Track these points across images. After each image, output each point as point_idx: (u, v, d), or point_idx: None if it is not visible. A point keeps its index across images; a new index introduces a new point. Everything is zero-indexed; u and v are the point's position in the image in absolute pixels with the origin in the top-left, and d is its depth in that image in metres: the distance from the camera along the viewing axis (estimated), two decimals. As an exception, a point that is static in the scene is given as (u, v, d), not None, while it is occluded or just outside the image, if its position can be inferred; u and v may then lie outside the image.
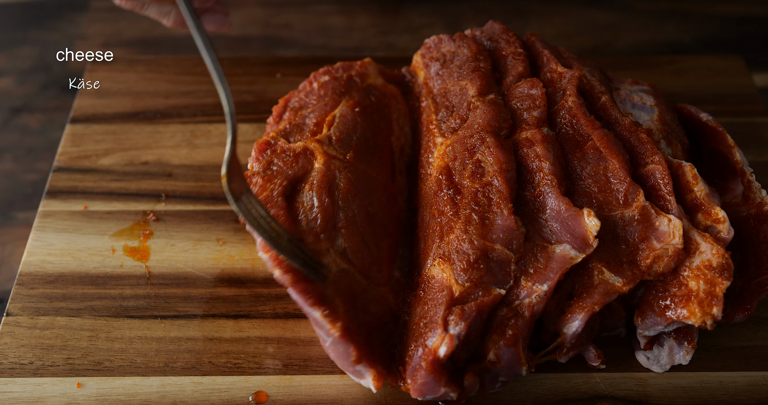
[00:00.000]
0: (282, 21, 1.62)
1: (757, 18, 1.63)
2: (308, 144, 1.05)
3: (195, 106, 1.31)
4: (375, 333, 0.92)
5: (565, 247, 0.94)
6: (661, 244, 0.93)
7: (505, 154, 1.01)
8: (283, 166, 1.03)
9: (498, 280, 0.92)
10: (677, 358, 0.96)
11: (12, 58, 1.55)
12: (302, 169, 1.03)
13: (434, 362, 0.87)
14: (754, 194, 1.03)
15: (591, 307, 0.91)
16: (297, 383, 0.96)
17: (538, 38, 1.19)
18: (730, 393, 0.96)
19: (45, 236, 1.11)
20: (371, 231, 1.01)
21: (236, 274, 1.08)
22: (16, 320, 1.02)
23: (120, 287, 1.06)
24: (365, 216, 1.01)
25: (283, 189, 1.00)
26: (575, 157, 1.02)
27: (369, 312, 0.93)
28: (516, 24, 1.62)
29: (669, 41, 1.57)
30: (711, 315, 0.89)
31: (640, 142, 1.02)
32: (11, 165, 1.36)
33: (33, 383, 0.96)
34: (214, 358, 0.99)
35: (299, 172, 1.02)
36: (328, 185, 1.01)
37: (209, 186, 1.19)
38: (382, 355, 0.91)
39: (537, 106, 1.06)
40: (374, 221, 1.02)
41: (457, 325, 0.88)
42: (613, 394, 0.96)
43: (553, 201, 0.97)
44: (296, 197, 1.00)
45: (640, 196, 0.96)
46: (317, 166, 1.03)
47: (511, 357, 0.89)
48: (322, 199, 0.99)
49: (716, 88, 1.35)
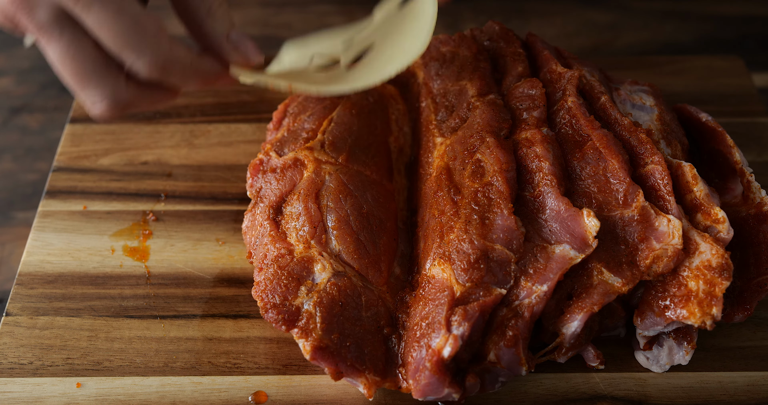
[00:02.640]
0: (281, 21, 1.62)
1: (756, 18, 1.63)
2: (299, 154, 1.07)
3: (194, 106, 1.31)
4: (367, 340, 0.92)
5: (565, 247, 0.94)
6: (660, 244, 0.93)
7: (505, 154, 1.01)
8: (272, 187, 1.05)
9: (498, 280, 0.92)
10: (677, 359, 0.96)
11: (11, 58, 1.55)
12: (291, 182, 1.05)
13: (439, 363, 0.87)
14: (754, 194, 1.03)
15: (590, 307, 0.91)
16: (296, 383, 0.96)
17: (538, 38, 1.19)
18: (729, 393, 0.96)
19: (44, 236, 1.11)
20: (367, 229, 1.01)
21: (236, 274, 1.08)
22: (15, 320, 1.02)
23: (119, 287, 1.06)
24: (359, 215, 1.02)
25: (268, 214, 1.03)
26: (575, 158, 1.02)
27: (360, 319, 0.93)
28: (516, 24, 1.61)
29: (669, 41, 1.57)
30: (710, 315, 0.89)
31: (640, 142, 1.02)
32: (11, 165, 1.36)
33: (32, 383, 0.96)
34: (214, 358, 0.99)
35: (288, 186, 1.05)
36: (315, 192, 1.02)
37: (209, 186, 1.19)
38: (376, 361, 0.91)
39: (537, 106, 1.06)
40: (370, 219, 1.02)
41: (461, 326, 0.88)
42: (612, 394, 0.96)
43: (553, 201, 0.97)
44: (284, 211, 1.02)
45: (639, 196, 0.96)
46: (306, 174, 1.04)
47: (511, 357, 0.89)
48: (308, 207, 1.01)
49: (716, 88, 1.35)
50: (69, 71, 0.82)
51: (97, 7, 0.79)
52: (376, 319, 0.94)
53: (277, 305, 0.92)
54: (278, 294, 0.93)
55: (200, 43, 0.93)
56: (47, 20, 0.80)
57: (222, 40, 0.92)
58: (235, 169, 1.21)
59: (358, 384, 0.91)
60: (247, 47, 0.94)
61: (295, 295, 0.93)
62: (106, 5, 0.79)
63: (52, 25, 0.80)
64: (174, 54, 0.85)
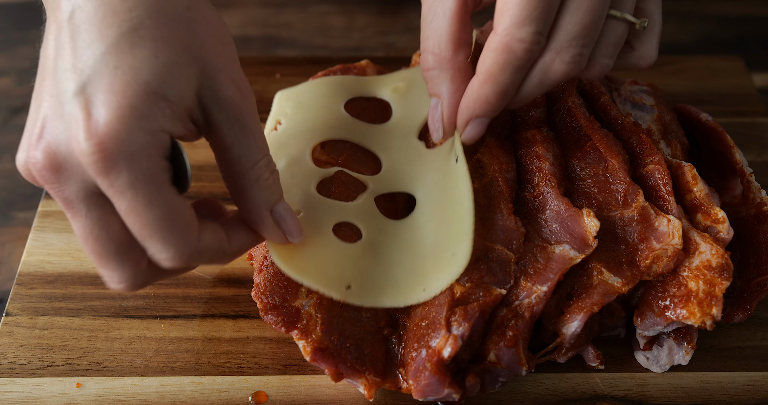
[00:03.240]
0: (281, 21, 1.62)
1: (756, 18, 1.63)
2: None
3: (194, 106, 1.31)
4: (367, 341, 0.92)
5: (565, 247, 0.94)
6: (660, 244, 0.93)
7: (505, 154, 1.01)
8: None
9: (498, 280, 0.92)
10: (677, 359, 0.96)
11: (11, 58, 1.55)
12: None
13: (439, 363, 0.87)
14: (754, 194, 1.03)
15: (590, 307, 0.91)
16: (296, 383, 0.96)
17: (538, 38, 1.19)
18: (729, 393, 0.96)
19: (44, 236, 1.11)
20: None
21: (236, 274, 1.08)
22: (15, 320, 1.02)
23: (119, 287, 1.06)
24: None
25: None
26: (575, 158, 1.02)
27: (360, 320, 0.93)
28: (515, 24, 1.61)
29: (669, 41, 1.57)
30: (710, 315, 0.89)
31: (640, 142, 1.02)
32: (11, 165, 1.36)
33: (32, 383, 0.96)
34: (214, 358, 0.99)
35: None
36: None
37: (209, 186, 1.19)
38: (376, 362, 0.91)
39: (536, 106, 1.06)
40: (370, 219, 1.02)
41: (461, 326, 0.88)
42: (612, 394, 0.96)
43: (553, 201, 0.97)
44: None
45: (639, 196, 0.96)
46: None
47: (511, 358, 0.89)
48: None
49: (716, 88, 1.35)
50: (90, 249, 0.78)
51: (130, 194, 0.73)
52: (375, 320, 0.94)
53: (276, 306, 0.92)
54: (278, 295, 0.93)
55: (238, 207, 0.85)
56: (76, 197, 0.75)
57: (264, 212, 0.84)
58: (235, 169, 1.21)
59: (358, 385, 0.91)
60: (290, 225, 0.86)
61: (295, 296, 0.93)
62: (139, 193, 0.73)
63: (80, 202, 0.75)
64: (202, 245, 0.79)
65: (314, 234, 0.94)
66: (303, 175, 1.01)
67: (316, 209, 0.97)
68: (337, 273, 0.92)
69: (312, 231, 0.94)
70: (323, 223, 0.96)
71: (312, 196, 0.98)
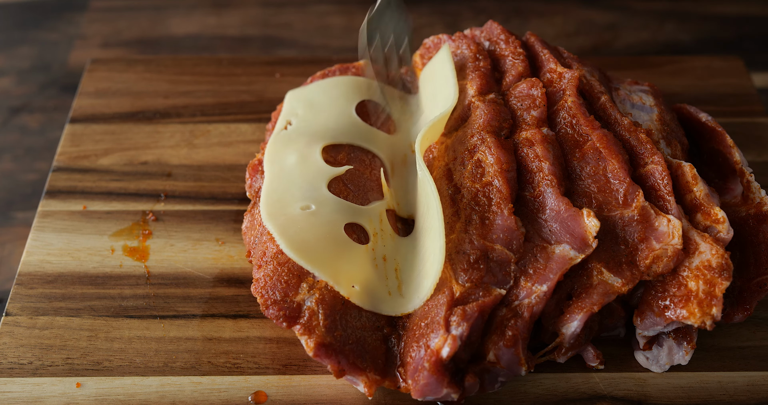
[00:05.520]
0: (281, 21, 1.62)
1: (756, 18, 1.63)
2: None
3: (194, 106, 1.31)
4: (367, 339, 0.92)
5: (565, 247, 0.94)
6: (660, 244, 0.93)
7: (506, 154, 1.01)
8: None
9: (498, 281, 0.92)
10: (676, 358, 0.96)
11: (11, 58, 1.55)
12: None
13: (437, 363, 0.87)
14: (754, 194, 1.03)
15: (590, 307, 0.91)
16: (296, 383, 0.96)
17: (538, 38, 1.19)
18: (729, 393, 0.96)
19: (44, 236, 1.11)
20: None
21: (235, 274, 1.08)
22: (15, 320, 1.02)
23: (119, 287, 1.06)
24: None
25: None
26: (575, 158, 1.02)
27: (361, 318, 0.93)
28: (515, 24, 1.62)
29: (668, 41, 1.57)
30: (710, 315, 0.89)
31: (640, 142, 1.02)
32: (10, 165, 1.36)
33: (32, 383, 0.96)
34: (214, 358, 0.99)
35: None
36: None
37: (208, 186, 1.19)
38: (376, 360, 0.91)
39: (537, 106, 1.06)
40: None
41: (459, 326, 0.88)
42: (612, 394, 0.96)
43: (553, 201, 0.97)
44: None
45: (639, 196, 0.96)
46: None
47: (510, 357, 0.89)
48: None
49: (715, 89, 1.35)
50: None
51: None
52: (375, 318, 0.94)
53: (277, 302, 0.92)
54: (279, 290, 0.93)
55: None
56: None
57: None
58: (234, 169, 1.21)
59: (358, 382, 0.91)
60: None
61: (296, 291, 0.93)
62: None
63: None
64: None
65: (326, 229, 0.96)
66: (314, 171, 1.03)
67: (328, 206, 0.99)
68: (347, 270, 0.93)
69: (324, 226, 0.96)
70: (335, 220, 0.97)
71: (323, 193, 1.00)
